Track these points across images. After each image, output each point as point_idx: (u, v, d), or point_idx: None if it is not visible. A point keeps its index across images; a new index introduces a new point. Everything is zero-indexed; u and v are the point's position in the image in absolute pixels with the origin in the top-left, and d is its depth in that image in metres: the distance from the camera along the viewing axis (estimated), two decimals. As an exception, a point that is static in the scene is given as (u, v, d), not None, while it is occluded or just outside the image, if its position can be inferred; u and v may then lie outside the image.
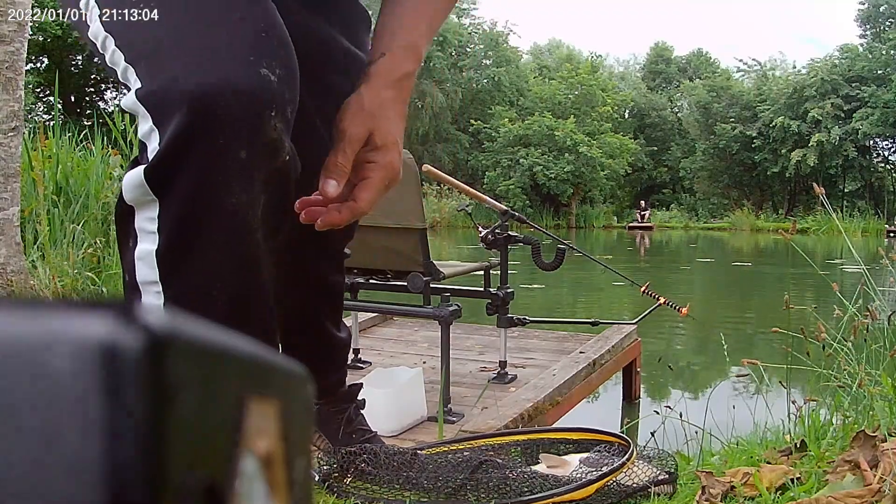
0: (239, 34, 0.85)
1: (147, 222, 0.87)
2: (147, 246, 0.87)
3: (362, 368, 2.81)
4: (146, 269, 0.88)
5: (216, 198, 0.85)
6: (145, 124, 0.84)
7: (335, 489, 1.42)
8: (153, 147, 0.83)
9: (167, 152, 0.82)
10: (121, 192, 0.88)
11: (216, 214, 0.86)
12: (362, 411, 1.66)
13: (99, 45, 0.90)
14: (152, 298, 0.88)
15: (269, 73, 0.84)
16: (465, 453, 1.54)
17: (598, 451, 1.51)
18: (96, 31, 0.90)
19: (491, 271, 2.69)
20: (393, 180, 0.95)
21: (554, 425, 2.35)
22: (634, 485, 1.34)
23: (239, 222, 0.87)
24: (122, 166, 4.62)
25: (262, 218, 0.91)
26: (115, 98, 27.09)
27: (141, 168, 0.84)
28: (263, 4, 0.89)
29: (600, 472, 1.33)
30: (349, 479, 1.44)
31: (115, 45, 0.88)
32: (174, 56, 0.84)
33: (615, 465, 1.35)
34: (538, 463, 1.50)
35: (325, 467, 1.47)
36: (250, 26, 0.86)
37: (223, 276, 0.90)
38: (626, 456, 1.38)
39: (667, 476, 1.39)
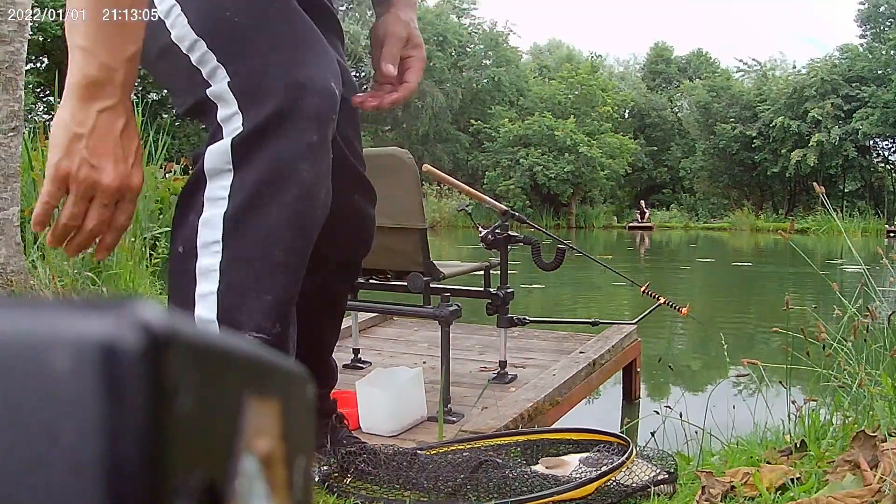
0: (318, 50, 1.07)
1: (219, 190, 1.00)
2: (215, 210, 0.99)
3: (362, 368, 2.81)
4: (209, 231, 0.99)
5: (293, 166, 1.00)
6: (229, 109, 1.00)
7: (335, 489, 1.42)
8: (234, 127, 1.00)
9: (257, 128, 0.99)
10: (198, 166, 1.00)
11: (292, 180, 1.00)
12: (345, 423, 1.67)
13: (185, 48, 1.04)
14: (209, 259, 0.98)
15: (335, 85, 1.06)
16: (465, 454, 1.54)
17: (598, 450, 1.51)
18: (183, 35, 1.04)
19: (491, 271, 2.69)
20: (423, 68, 1.24)
21: (554, 425, 2.35)
22: (634, 484, 1.34)
23: (309, 190, 1.02)
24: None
25: None
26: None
27: (228, 140, 0.99)
28: (320, 34, 1.10)
29: (599, 472, 1.33)
30: (349, 480, 1.44)
31: (207, 47, 1.03)
32: (271, 57, 1.02)
33: (614, 464, 1.35)
34: (537, 463, 1.50)
35: (324, 468, 1.47)
36: (322, 47, 1.09)
37: (285, 236, 1.01)
38: (626, 455, 1.38)
39: (667, 476, 1.39)
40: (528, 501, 1.29)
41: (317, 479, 1.45)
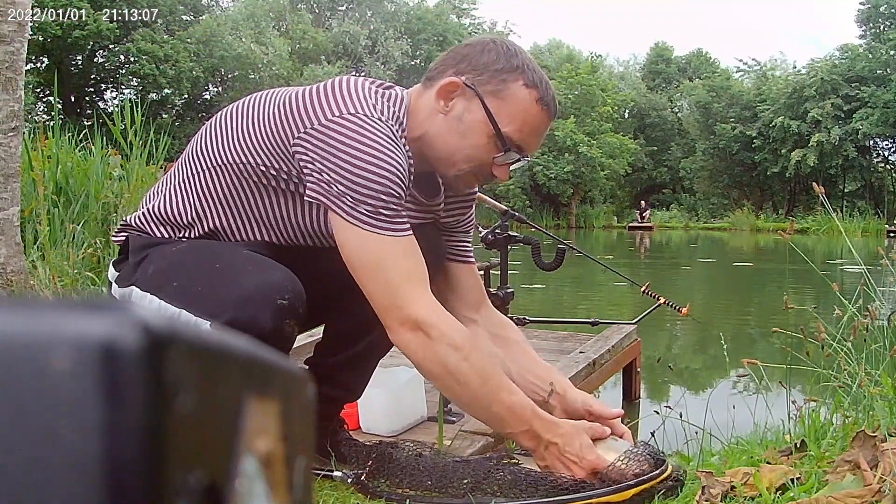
0: (262, 288, 1.23)
1: None
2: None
3: (362, 368, 2.80)
4: None
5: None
6: None
7: (361, 485, 1.43)
8: None
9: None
10: None
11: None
12: (345, 427, 1.69)
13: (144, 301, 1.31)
14: None
15: (283, 300, 1.22)
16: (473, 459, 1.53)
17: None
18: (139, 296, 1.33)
19: (491, 271, 2.69)
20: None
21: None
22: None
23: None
24: (121, 166, 4.62)
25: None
26: (115, 98, 27.12)
27: None
28: (268, 262, 1.29)
29: (638, 479, 1.32)
30: (364, 477, 1.45)
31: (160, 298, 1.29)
32: (224, 307, 1.21)
33: (654, 473, 1.34)
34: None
35: (345, 469, 1.47)
36: (274, 274, 1.25)
37: None
38: (664, 466, 1.37)
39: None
40: (567, 502, 1.28)
41: (340, 476, 1.46)
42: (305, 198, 1.30)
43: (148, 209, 1.43)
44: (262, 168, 1.32)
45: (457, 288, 1.59)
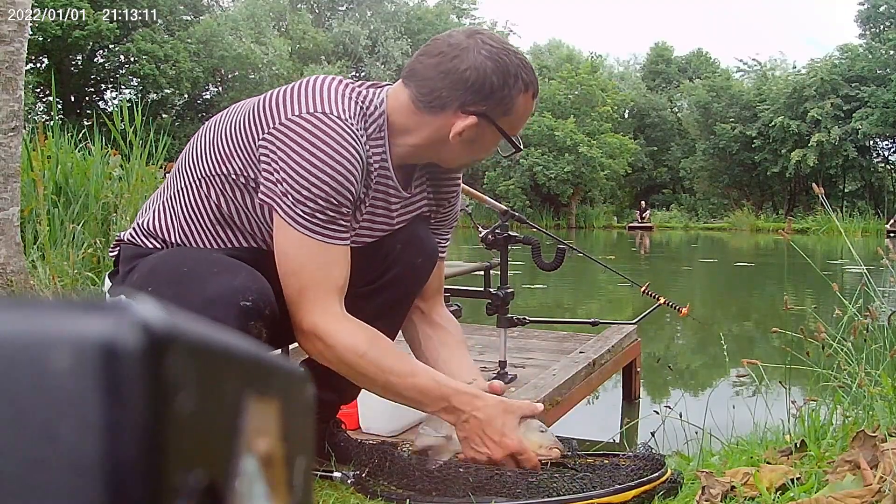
0: (225, 290, 1.23)
1: None
2: None
3: (362, 368, 2.80)
4: None
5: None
6: None
7: (361, 485, 1.43)
8: None
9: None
10: None
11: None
12: (343, 427, 1.69)
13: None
14: None
15: (246, 301, 1.22)
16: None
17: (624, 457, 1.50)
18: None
19: (491, 271, 2.69)
20: None
21: (552, 426, 2.34)
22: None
23: None
24: (121, 166, 4.62)
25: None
26: (114, 98, 27.13)
27: None
28: (241, 266, 1.28)
29: (639, 480, 1.32)
30: (363, 476, 1.45)
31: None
32: (188, 312, 1.18)
33: (653, 476, 1.34)
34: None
35: (344, 469, 1.47)
36: (238, 275, 1.25)
37: None
38: (663, 469, 1.38)
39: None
40: (566, 502, 1.28)
41: (341, 477, 1.46)
42: (257, 200, 1.32)
43: (139, 224, 1.46)
44: (233, 177, 1.33)
45: None
